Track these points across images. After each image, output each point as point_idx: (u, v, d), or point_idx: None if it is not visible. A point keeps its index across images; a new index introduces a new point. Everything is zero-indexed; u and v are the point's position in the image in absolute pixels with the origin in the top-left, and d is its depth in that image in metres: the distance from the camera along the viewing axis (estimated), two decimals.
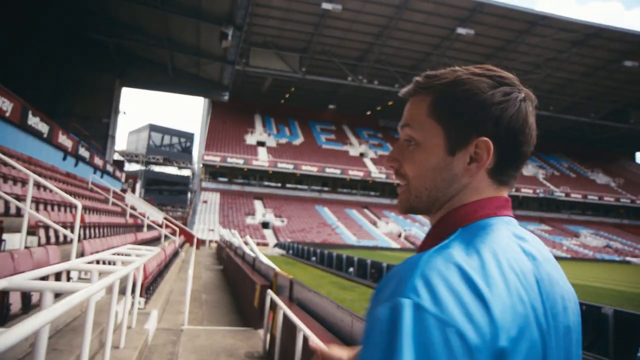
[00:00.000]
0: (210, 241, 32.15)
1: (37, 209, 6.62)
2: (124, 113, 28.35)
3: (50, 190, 7.66)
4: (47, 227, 5.67)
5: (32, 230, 5.70)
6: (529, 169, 60.73)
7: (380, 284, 0.61)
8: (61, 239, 6.30)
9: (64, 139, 15.18)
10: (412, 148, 0.75)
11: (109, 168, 22.24)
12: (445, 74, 0.75)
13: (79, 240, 6.07)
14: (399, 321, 0.53)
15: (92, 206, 11.80)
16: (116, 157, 42.93)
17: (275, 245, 31.77)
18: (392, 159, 0.78)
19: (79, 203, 5.21)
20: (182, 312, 6.73)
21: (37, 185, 7.50)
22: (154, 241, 14.53)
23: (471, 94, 0.71)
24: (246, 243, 11.34)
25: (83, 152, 17.74)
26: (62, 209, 8.59)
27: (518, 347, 0.57)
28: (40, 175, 10.90)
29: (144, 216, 16.34)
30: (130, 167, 50.89)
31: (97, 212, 11.86)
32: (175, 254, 14.88)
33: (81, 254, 5.85)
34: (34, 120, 12.30)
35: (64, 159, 15.66)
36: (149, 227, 16.74)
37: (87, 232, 8.20)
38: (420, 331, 0.52)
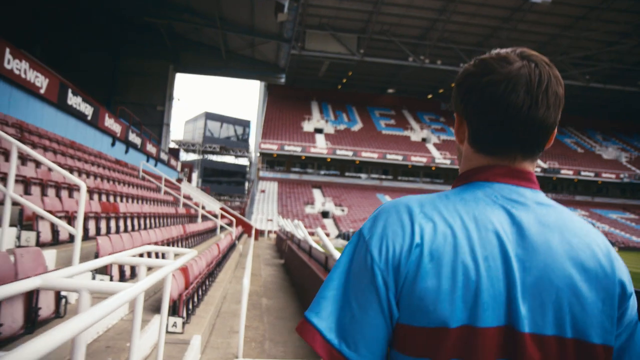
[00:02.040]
0: (269, 232, 30.92)
1: (41, 195, 5.10)
2: (179, 100, 27.54)
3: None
4: (51, 222, 4.07)
5: (29, 224, 4.14)
6: (608, 152, 55.28)
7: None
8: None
9: (111, 123, 14.04)
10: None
11: (164, 156, 21.24)
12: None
13: (97, 236, 4.46)
14: (350, 242, 0.80)
15: (142, 195, 10.45)
16: (173, 146, 42.79)
17: (338, 236, 30.00)
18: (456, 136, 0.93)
19: (82, 183, 3.55)
20: (235, 331, 5.02)
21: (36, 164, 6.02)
22: (208, 233, 13.11)
23: (456, 82, 0.85)
24: (312, 234, 9.58)
25: (134, 138, 16.65)
26: (97, 195, 7.15)
27: (432, 264, 0.73)
28: (84, 161, 9.62)
29: (198, 206, 15.02)
30: (188, 157, 50.89)
31: (146, 201, 10.50)
32: (232, 246, 13.40)
33: (95, 255, 4.23)
34: (75, 100, 11.09)
35: (113, 144, 14.57)
36: (204, 218, 15.42)
37: (127, 223, 6.70)
38: (353, 250, 0.79)
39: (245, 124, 54.18)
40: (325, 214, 39.71)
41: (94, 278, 4.17)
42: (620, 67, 46.48)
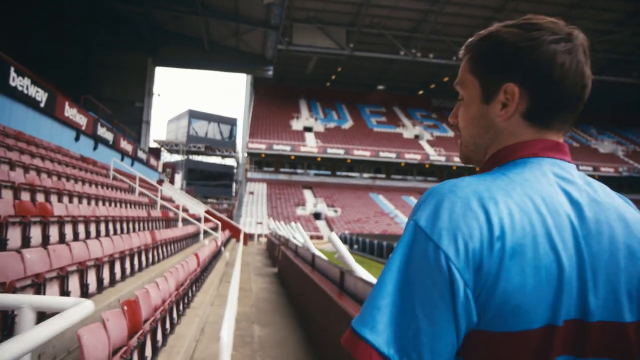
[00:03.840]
0: (259, 235, 29.01)
1: None
2: (159, 95, 25.49)
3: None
4: None
5: None
6: (604, 146, 54.25)
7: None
8: None
9: (73, 113, 12.10)
10: (461, 103, 0.84)
11: (142, 155, 19.29)
12: (481, 31, 0.80)
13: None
14: (403, 237, 0.68)
15: (106, 196, 8.60)
16: (155, 146, 40.51)
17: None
18: (452, 115, 0.87)
19: None
20: None
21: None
22: (189, 239, 11.26)
23: (497, 45, 0.76)
24: (311, 238, 7.81)
25: (104, 133, 14.71)
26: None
27: (515, 259, 0.64)
28: (33, 155, 7.75)
29: (178, 209, 13.16)
30: (172, 158, 48.45)
31: (111, 203, 8.64)
32: (217, 254, 11.56)
33: None
34: (21, 82, 9.15)
35: (77, 139, 12.63)
36: (186, 222, 13.58)
37: (64, 230, 4.88)
38: (410, 246, 0.66)
39: (232, 123, 51.76)
40: (317, 216, 37.94)
41: None
42: (615, 57, 45.37)
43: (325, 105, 57.18)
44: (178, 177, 41.78)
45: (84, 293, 3.64)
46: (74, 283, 3.47)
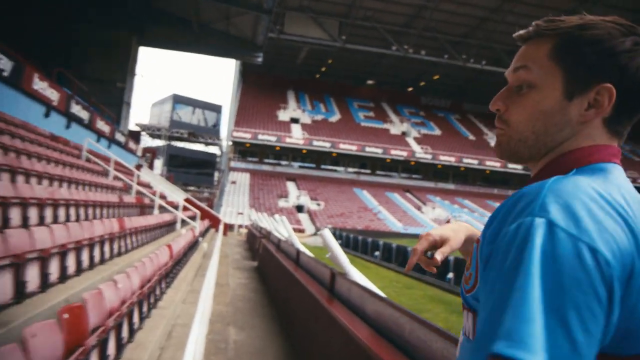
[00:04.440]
0: (240, 226, 28.27)
1: None
2: (142, 76, 24.49)
3: None
4: None
5: None
6: None
7: (503, 206, 0.64)
8: None
9: (43, 87, 11.22)
10: (525, 92, 0.73)
11: (120, 138, 18.38)
12: (571, 18, 0.73)
13: None
14: (531, 236, 0.55)
15: (75, 177, 7.86)
16: (136, 129, 39.24)
17: (316, 233, 27.54)
18: (498, 101, 0.76)
19: None
20: None
21: None
22: (164, 228, 10.55)
23: (601, 39, 0.69)
24: (296, 231, 7.20)
25: (79, 111, 13.81)
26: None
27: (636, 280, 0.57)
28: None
29: (155, 195, 12.42)
30: (154, 143, 47.10)
31: (79, 186, 7.90)
32: (194, 244, 10.88)
33: None
34: None
35: (47, 115, 11.76)
36: (163, 210, 12.84)
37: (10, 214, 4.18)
38: (551, 245, 0.54)
39: (217, 110, 50.45)
40: (300, 208, 37.32)
41: None
42: None
43: (314, 97, 56.43)
44: (158, 163, 40.61)
45: (19, 293, 2.96)
46: (4, 280, 2.79)
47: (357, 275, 3.91)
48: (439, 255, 0.91)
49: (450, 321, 6.76)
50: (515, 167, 48.57)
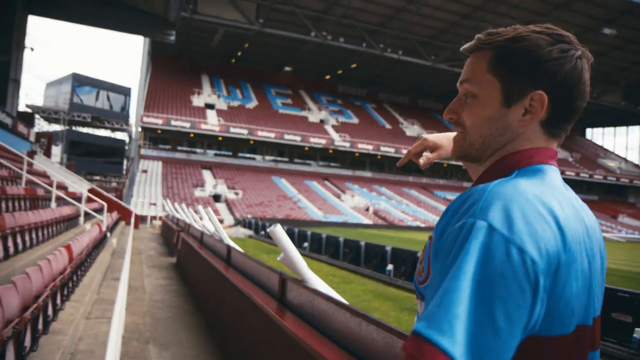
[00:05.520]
0: (153, 218, 26.26)
1: None
2: (32, 49, 21.51)
3: None
4: None
5: None
6: None
7: (453, 204, 0.72)
8: None
9: None
10: (470, 101, 0.82)
11: (6, 120, 15.91)
12: (506, 31, 0.80)
13: None
14: (470, 236, 0.63)
15: None
16: (26, 111, 34.88)
17: (237, 224, 26.28)
18: (451, 111, 0.85)
19: None
20: None
21: None
22: (63, 223, 9.01)
23: (530, 50, 0.76)
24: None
25: None
26: None
27: (573, 265, 0.67)
28: None
29: (52, 185, 10.70)
30: (51, 128, 42.36)
31: None
32: (101, 241, 9.45)
33: None
34: None
35: None
36: (62, 202, 11.16)
37: None
38: (486, 245, 0.61)
39: (126, 92, 46.37)
40: (217, 198, 35.71)
41: None
42: None
43: (229, 82, 54.37)
44: (57, 150, 36.62)
45: None
46: None
47: (317, 282, 3.11)
48: (422, 160, 1.05)
49: (403, 321, 6.18)
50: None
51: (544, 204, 0.67)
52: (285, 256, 3.13)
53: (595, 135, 73.28)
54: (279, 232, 3.06)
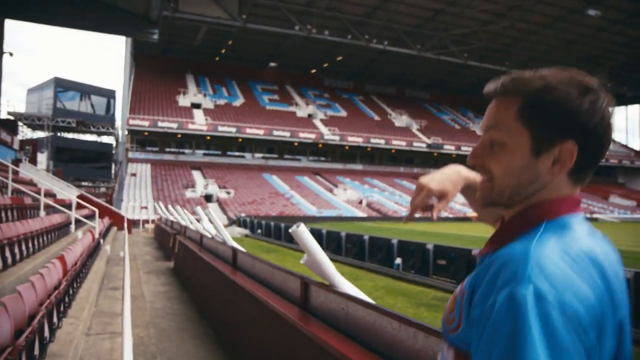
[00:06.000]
0: (145, 222, 25.77)
1: None
2: (11, 54, 20.85)
3: None
4: None
5: None
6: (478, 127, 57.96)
7: (489, 266, 0.72)
8: None
9: None
10: (497, 149, 0.80)
11: None
12: (533, 78, 0.79)
13: None
14: (523, 308, 0.62)
15: None
16: (9, 118, 33.93)
17: (232, 223, 25.87)
18: (476, 156, 0.84)
19: None
20: None
21: None
22: (54, 232, 8.61)
23: (561, 101, 0.76)
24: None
25: None
26: None
27: (607, 327, 0.67)
28: None
29: (40, 194, 10.27)
30: (36, 135, 41.36)
31: None
32: (95, 249, 9.07)
33: None
34: None
35: None
36: (52, 210, 10.73)
37: None
38: (543, 316, 0.62)
39: (110, 95, 45.40)
40: (208, 198, 35.24)
41: None
42: (494, 46, 48.28)
43: (215, 80, 53.69)
44: (43, 157, 35.82)
45: None
46: None
47: (346, 285, 2.81)
48: (435, 213, 1.00)
49: (422, 317, 5.91)
50: (420, 146, 50.23)
51: (589, 258, 0.69)
52: (309, 258, 2.82)
53: None
54: (303, 232, 2.74)
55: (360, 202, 39.54)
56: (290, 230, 2.77)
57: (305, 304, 3.18)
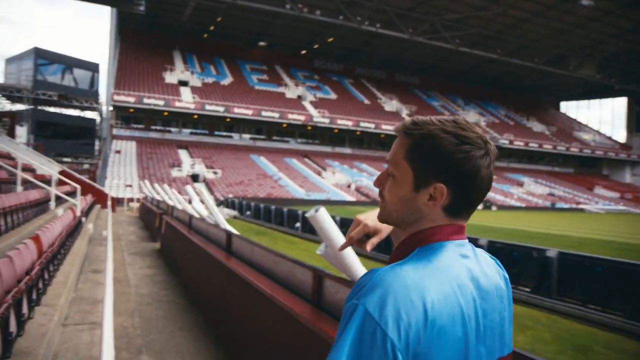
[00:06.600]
0: (130, 200, 25.10)
1: None
2: None
3: None
4: None
5: None
6: (470, 116, 57.91)
7: (355, 285, 0.82)
8: None
9: None
10: (391, 180, 0.93)
11: None
12: (424, 125, 0.90)
13: None
14: (352, 318, 0.76)
15: None
16: None
17: (220, 204, 25.31)
18: (379, 182, 0.96)
19: None
20: None
21: None
22: (31, 208, 8.08)
23: (437, 148, 0.87)
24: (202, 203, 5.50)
25: None
26: None
27: (441, 338, 0.78)
28: None
29: (17, 167, 9.67)
30: (15, 108, 39.97)
31: None
32: (76, 228, 8.56)
33: None
34: None
35: None
36: (30, 186, 10.15)
37: None
38: (361, 327, 0.74)
39: (94, 69, 43.91)
40: (195, 178, 34.60)
41: None
42: (486, 33, 47.75)
43: (203, 58, 52.46)
44: (22, 131, 34.70)
45: None
46: None
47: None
48: (369, 247, 1.17)
49: None
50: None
51: (417, 289, 0.77)
52: (330, 249, 2.40)
53: (570, 108, 74.20)
54: (323, 217, 2.31)
55: (349, 186, 39.22)
56: (307, 215, 2.33)
57: (318, 300, 2.77)
